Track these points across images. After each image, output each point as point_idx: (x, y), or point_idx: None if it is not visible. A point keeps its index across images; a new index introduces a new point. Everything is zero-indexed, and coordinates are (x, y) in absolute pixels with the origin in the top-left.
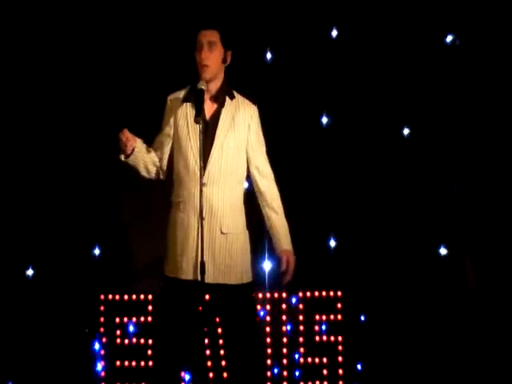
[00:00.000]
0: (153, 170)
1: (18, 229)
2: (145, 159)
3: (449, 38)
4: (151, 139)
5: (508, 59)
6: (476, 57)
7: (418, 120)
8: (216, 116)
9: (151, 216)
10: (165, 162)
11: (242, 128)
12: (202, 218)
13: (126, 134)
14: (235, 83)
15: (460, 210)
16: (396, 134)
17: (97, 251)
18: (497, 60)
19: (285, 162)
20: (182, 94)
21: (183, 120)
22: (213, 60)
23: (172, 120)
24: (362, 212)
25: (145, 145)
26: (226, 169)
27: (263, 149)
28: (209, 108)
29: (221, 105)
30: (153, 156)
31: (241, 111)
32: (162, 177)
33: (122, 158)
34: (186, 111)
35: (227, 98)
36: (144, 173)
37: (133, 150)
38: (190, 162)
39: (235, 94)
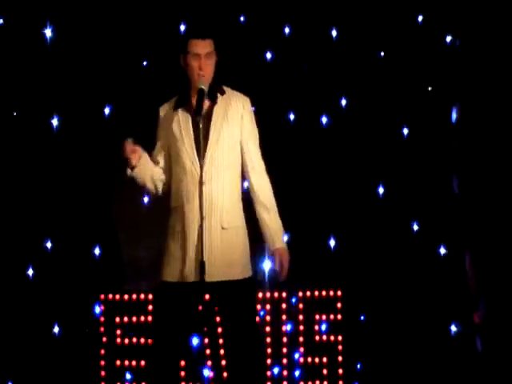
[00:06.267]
0: (160, 185)
1: (18, 229)
2: (153, 174)
3: (448, 39)
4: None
5: (508, 59)
6: (476, 56)
7: (417, 119)
8: (209, 114)
9: (145, 219)
10: (168, 173)
11: (235, 120)
12: (202, 217)
13: (130, 146)
14: (235, 83)
15: (460, 209)
16: (395, 133)
17: (97, 251)
18: (497, 59)
19: (284, 162)
20: (171, 102)
21: (176, 126)
22: (210, 68)
23: (166, 129)
24: (362, 211)
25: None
26: (222, 164)
27: (256, 140)
28: None
29: (213, 102)
30: (159, 171)
31: (233, 103)
32: (165, 189)
33: (128, 172)
34: (178, 117)
35: (218, 95)
36: (151, 188)
37: (139, 159)
38: (187, 164)
39: (225, 88)
